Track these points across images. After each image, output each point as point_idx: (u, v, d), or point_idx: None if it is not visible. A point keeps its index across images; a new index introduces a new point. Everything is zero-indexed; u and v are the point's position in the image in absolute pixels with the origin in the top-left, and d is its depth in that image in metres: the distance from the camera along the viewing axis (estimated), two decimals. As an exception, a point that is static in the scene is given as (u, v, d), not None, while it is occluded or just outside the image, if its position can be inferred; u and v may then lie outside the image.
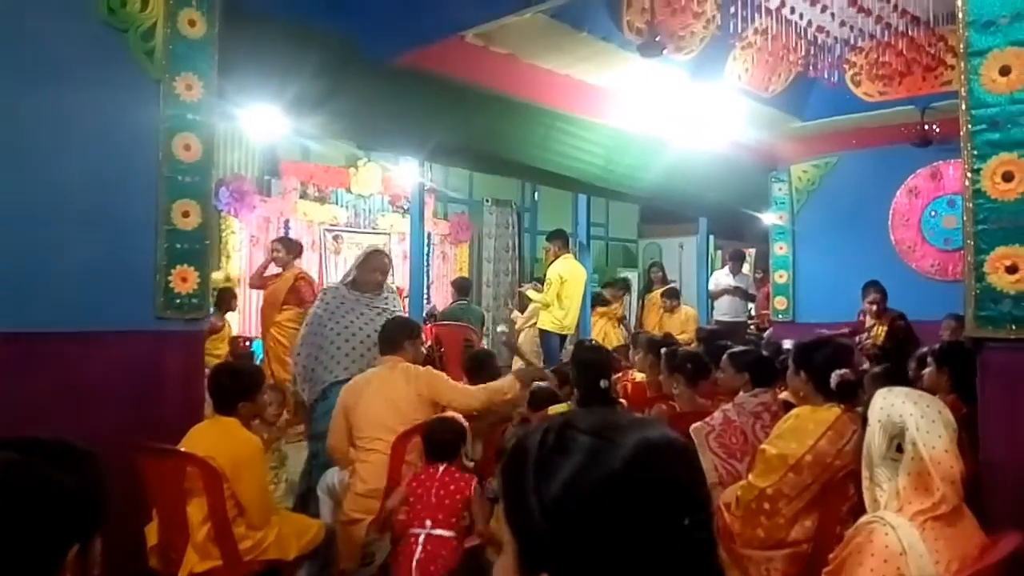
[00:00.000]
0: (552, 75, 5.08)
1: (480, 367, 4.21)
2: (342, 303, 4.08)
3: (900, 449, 1.70)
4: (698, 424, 3.02)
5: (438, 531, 2.72)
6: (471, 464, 3.40)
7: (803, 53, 5.11)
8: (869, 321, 5.78)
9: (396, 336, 3.56)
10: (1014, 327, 2.39)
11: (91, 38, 3.08)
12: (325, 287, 4.84)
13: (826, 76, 5.58)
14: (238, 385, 2.91)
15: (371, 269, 4.15)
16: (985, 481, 2.43)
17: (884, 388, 1.83)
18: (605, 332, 8.10)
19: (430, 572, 2.64)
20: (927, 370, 3.49)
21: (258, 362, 6.67)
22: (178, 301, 3.24)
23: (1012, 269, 2.40)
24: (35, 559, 0.93)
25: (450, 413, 3.35)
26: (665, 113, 5.73)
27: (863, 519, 1.68)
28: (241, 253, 8.03)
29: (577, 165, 5.54)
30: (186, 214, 3.27)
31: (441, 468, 2.83)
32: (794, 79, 6.10)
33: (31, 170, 2.95)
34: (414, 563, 2.66)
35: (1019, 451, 2.40)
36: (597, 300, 8.38)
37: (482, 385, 3.68)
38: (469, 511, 2.78)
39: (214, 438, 2.74)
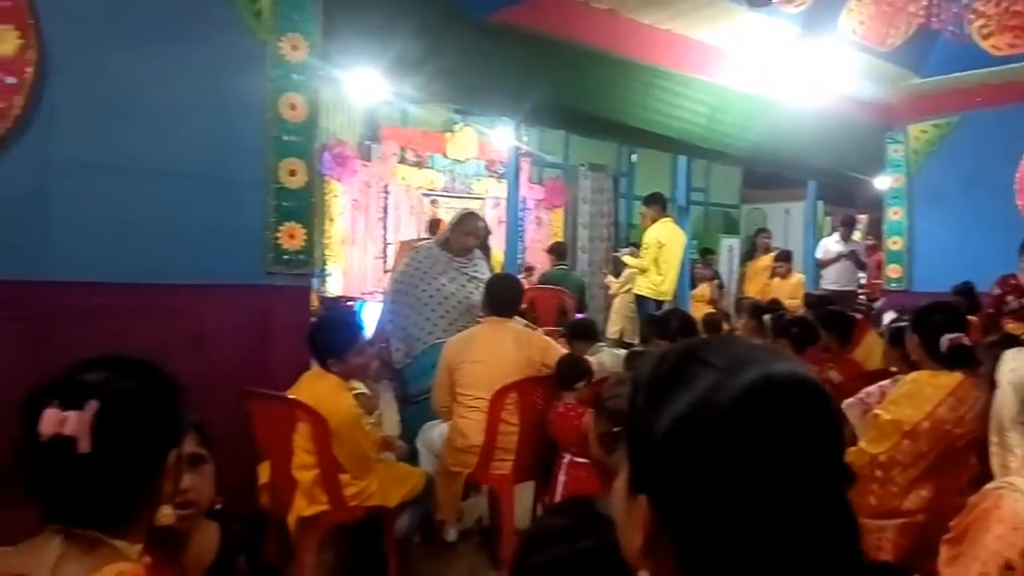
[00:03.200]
0: (653, 30, 4.93)
1: (581, 334, 4.20)
2: (434, 264, 3.99)
3: (1035, 411, 1.58)
4: (852, 401, 2.84)
5: (579, 459, 3.14)
6: None
7: (924, 3, 4.77)
8: None
9: (512, 299, 3.55)
10: None
11: (203, 0, 3.19)
12: (416, 246, 4.82)
13: (950, 28, 5.21)
14: (336, 338, 2.93)
15: (465, 232, 4.06)
16: None
17: (1014, 349, 1.70)
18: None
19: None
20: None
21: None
22: (285, 257, 3.34)
23: None
24: (149, 458, 1.01)
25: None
26: (773, 69, 5.48)
27: (990, 484, 1.57)
28: (344, 216, 8.25)
29: (678, 124, 5.37)
30: (292, 172, 3.36)
31: (564, 403, 3.21)
32: (914, 32, 5.72)
33: (151, 130, 3.08)
34: (559, 487, 3.13)
35: None
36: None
37: None
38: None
39: (317, 394, 2.76)
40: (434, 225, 6.73)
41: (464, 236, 4.05)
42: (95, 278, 2.92)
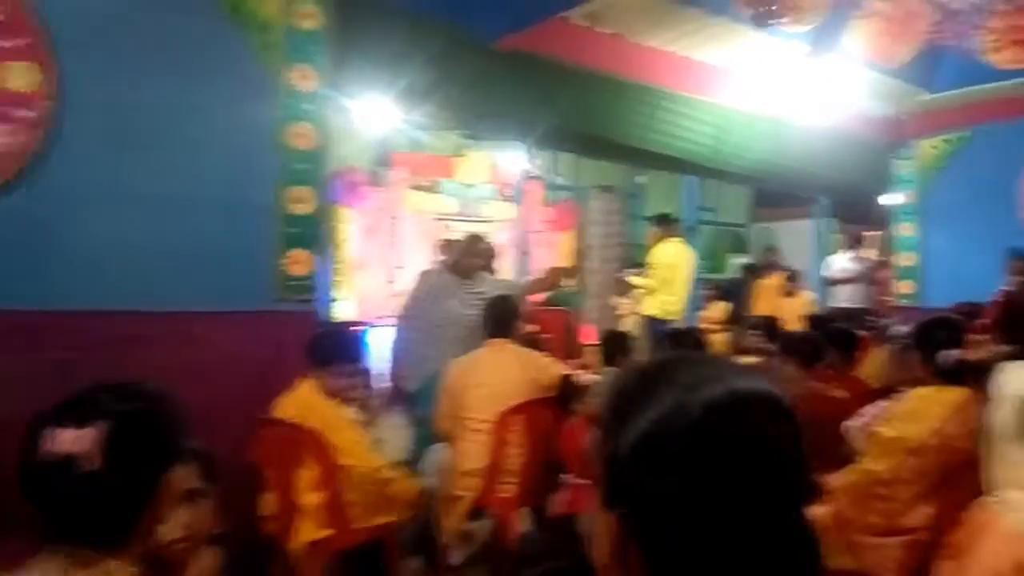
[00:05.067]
0: (657, 52, 4.99)
1: (616, 347, 4.20)
2: (444, 288, 4.05)
3: (1029, 427, 1.58)
4: (859, 424, 2.83)
5: (581, 480, 3.06)
6: None
7: (932, 20, 4.80)
8: None
9: (509, 319, 3.55)
10: None
11: (215, 34, 3.27)
12: (425, 269, 4.85)
13: (959, 43, 5.22)
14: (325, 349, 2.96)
15: (471, 254, 4.15)
16: None
17: (1012, 362, 1.70)
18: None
19: None
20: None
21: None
22: (293, 283, 3.40)
23: None
24: (149, 479, 1.07)
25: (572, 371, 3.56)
26: (778, 88, 5.51)
27: (985, 499, 1.58)
28: (355, 242, 8.31)
29: (683, 145, 5.42)
30: (300, 200, 3.42)
31: (572, 422, 3.19)
32: (922, 48, 5.74)
33: (165, 160, 3.17)
34: (561, 509, 3.08)
35: None
36: None
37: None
38: None
39: (300, 404, 2.80)
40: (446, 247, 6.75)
41: (471, 258, 4.15)
42: (111, 306, 2.98)
